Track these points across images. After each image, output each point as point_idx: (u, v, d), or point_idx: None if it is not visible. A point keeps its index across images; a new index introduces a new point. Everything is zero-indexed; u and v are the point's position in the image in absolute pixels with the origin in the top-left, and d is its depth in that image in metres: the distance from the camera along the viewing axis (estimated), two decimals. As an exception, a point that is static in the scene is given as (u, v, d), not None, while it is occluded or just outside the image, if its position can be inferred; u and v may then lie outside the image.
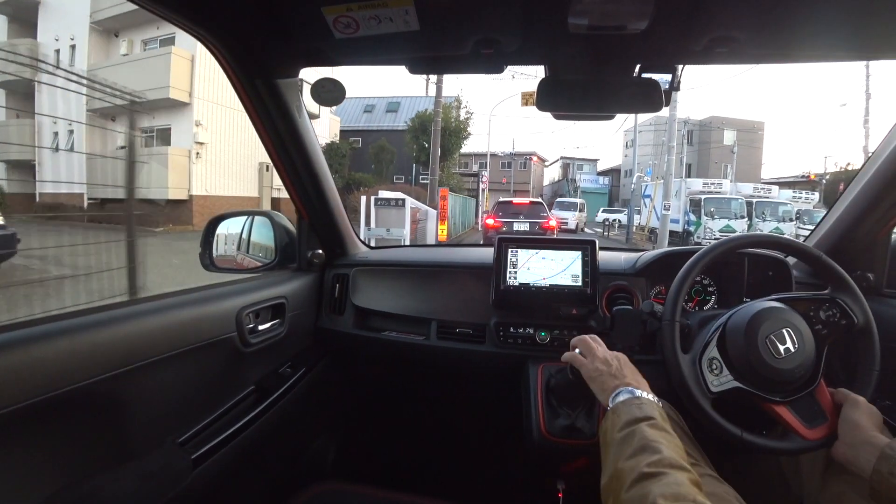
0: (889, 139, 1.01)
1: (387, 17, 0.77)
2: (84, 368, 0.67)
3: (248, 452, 1.03)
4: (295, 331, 1.23)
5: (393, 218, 9.23)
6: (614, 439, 0.63)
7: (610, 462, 0.62)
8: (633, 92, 0.94)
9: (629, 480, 0.55)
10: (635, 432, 0.62)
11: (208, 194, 13.95)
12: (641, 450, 0.59)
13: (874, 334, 0.84)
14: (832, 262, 0.89)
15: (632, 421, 0.64)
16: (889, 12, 0.72)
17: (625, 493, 0.54)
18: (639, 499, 0.52)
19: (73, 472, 0.68)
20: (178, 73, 13.04)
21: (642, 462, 0.57)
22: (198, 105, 13.55)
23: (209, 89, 13.76)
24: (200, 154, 13.61)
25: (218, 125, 14.08)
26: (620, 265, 1.29)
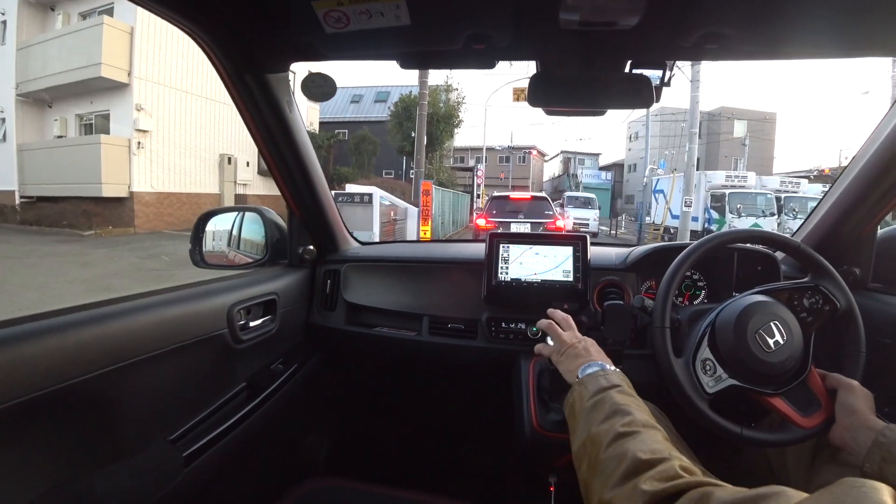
0: (874, 136, 1.03)
1: (378, 12, 0.76)
2: (72, 366, 0.66)
3: (240, 449, 1.02)
4: (286, 327, 1.23)
5: (358, 217, 7.91)
6: (584, 408, 0.65)
7: (581, 429, 0.63)
8: (624, 88, 0.95)
9: (605, 441, 0.56)
10: (605, 399, 0.64)
11: (154, 191, 11.97)
12: (613, 413, 0.60)
13: (857, 317, 0.86)
14: (811, 251, 0.92)
15: (600, 390, 0.66)
16: (874, 11, 0.74)
17: (602, 453, 0.55)
18: (617, 457, 0.53)
19: (62, 472, 0.68)
20: (114, 48, 10.86)
21: (616, 424, 0.58)
22: (139, 86, 11.40)
23: (154, 68, 11.69)
24: (143, 144, 11.57)
25: (166, 110, 12.10)
26: (611, 260, 1.30)
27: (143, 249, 8.54)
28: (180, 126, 12.53)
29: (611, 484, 0.51)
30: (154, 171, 11.91)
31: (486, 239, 1.26)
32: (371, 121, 22.98)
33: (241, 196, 14.28)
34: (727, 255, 1.17)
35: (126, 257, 7.69)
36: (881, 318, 1.01)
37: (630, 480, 0.50)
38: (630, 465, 0.51)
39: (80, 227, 10.83)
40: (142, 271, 6.57)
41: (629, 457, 0.52)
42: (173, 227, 12.16)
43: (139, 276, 6.23)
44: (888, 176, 1.01)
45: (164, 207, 12.17)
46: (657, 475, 0.48)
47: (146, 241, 9.65)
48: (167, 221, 12.16)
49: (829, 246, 1.13)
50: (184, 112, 12.62)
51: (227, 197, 13.82)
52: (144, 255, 7.87)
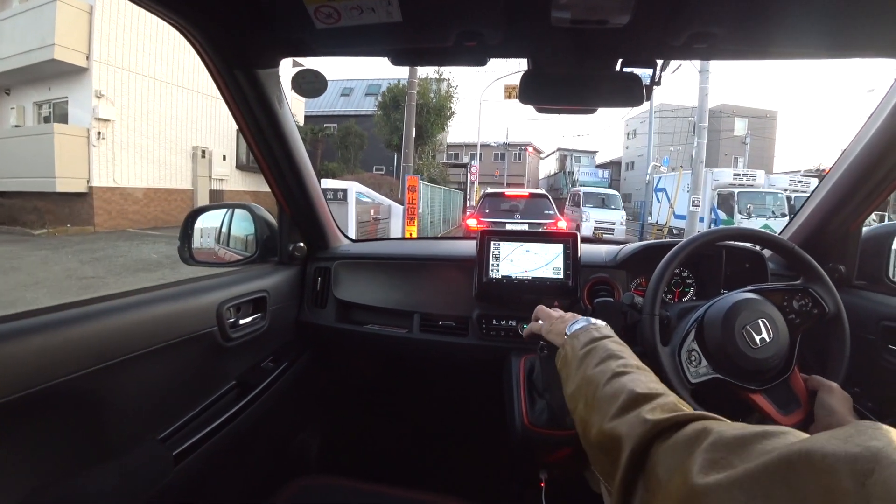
0: (860, 136, 1.04)
1: (369, 8, 0.76)
2: (59, 365, 0.66)
3: (231, 448, 1.02)
4: (277, 325, 1.23)
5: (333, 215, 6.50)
6: (577, 356, 0.66)
7: (574, 374, 0.63)
8: (614, 86, 0.95)
9: (602, 381, 0.57)
10: (598, 347, 0.65)
11: (118, 186, 10.93)
12: (607, 357, 0.61)
13: (844, 322, 0.87)
14: (805, 254, 0.92)
15: (592, 340, 0.67)
16: (859, 13, 0.75)
17: (600, 391, 0.56)
18: (614, 392, 0.54)
19: (49, 472, 0.67)
20: (69, 28, 9.71)
21: (612, 365, 0.59)
22: (99, 71, 10.28)
23: (117, 51, 10.57)
24: (104, 135, 10.53)
25: (131, 98, 11.03)
26: (602, 258, 1.31)
27: (90, 252, 7.68)
28: (147, 115, 11.45)
29: (610, 415, 0.51)
30: (117, 165, 10.88)
31: (477, 236, 1.27)
32: (362, 114, 21.71)
33: (217, 192, 13.30)
34: (715, 252, 1.18)
35: (64, 261, 6.86)
36: (865, 315, 1.03)
37: (631, 411, 0.50)
38: (628, 397, 0.52)
39: (31, 226, 9.81)
40: (70, 280, 5.69)
41: (627, 390, 0.53)
42: (139, 226, 11.25)
43: (62, 286, 5.34)
44: (873, 175, 1.03)
45: (128, 204, 11.18)
46: (658, 406, 0.49)
47: (101, 241, 8.78)
48: (132, 219, 11.22)
49: (816, 243, 1.16)
50: (151, 100, 11.52)
51: (200, 193, 12.87)
52: (88, 259, 7.00)
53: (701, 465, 0.36)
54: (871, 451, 0.27)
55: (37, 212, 9.99)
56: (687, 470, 0.37)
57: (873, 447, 0.27)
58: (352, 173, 14.96)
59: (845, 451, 0.28)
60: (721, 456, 0.36)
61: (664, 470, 0.41)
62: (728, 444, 0.37)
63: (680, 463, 0.39)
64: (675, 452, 0.41)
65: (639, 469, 0.44)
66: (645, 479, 0.43)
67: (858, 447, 0.28)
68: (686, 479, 0.36)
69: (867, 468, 0.26)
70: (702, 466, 0.36)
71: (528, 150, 35.72)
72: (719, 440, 0.38)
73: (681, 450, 0.41)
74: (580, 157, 38.62)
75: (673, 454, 0.41)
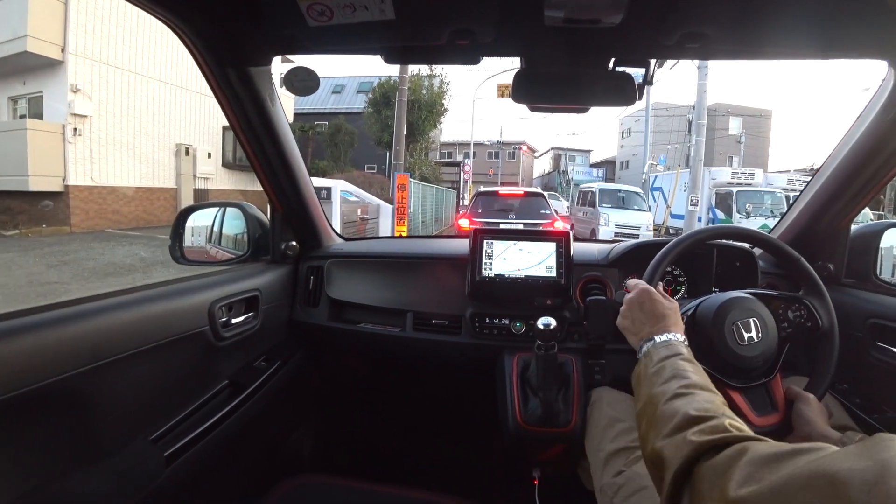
0: (848, 137, 1.05)
1: (362, 6, 0.76)
2: (50, 366, 0.65)
3: (224, 448, 1.01)
4: (269, 324, 1.22)
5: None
6: (647, 374, 0.68)
7: (643, 392, 0.66)
8: (607, 85, 0.95)
9: (662, 400, 0.59)
10: (666, 365, 0.66)
11: (96, 185, 10.43)
12: (672, 377, 0.63)
13: (835, 340, 0.87)
14: (810, 268, 0.92)
15: (663, 358, 0.68)
16: (845, 15, 0.76)
17: (658, 410, 0.58)
18: (671, 412, 0.56)
19: (40, 474, 0.66)
20: (43, 18, 9.08)
21: (674, 385, 0.61)
22: (75, 64, 9.65)
23: (94, 44, 9.93)
24: (80, 131, 10.05)
25: (110, 93, 10.46)
26: (594, 256, 1.31)
27: (61, 254, 7.20)
28: (127, 111, 10.80)
29: (662, 435, 0.55)
30: (95, 163, 10.29)
31: (470, 234, 1.26)
32: (354, 112, 21.04)
33: (202, 191, 12.78)
34: (707, 251, 1.18)
35: (30, 265, 6.38)
36: (853, 313, 1.05)
37: (680, 433, 0.53)
38: (681, 419, 0.54)
39: (2, 226, 9.33)
40: (31, 286, 5.25)
41: (681, 413, 0.55)
42: (119, 226, 10.75)
43: (18, 294, 4.89)
44: (861, 175, 1.04)
45: (107, 203, 10.65)
46: (706, 429, 0.51)
47: (74, 243, 8.29)
48: (112, 219, 10.70)
49: (806, 242, 1.17)
50: (131, 95, 10.87)
51: (184, 192, 12.34)
52: (55, 263, 6.54)
53: (738, 480, 0.39)
54: (880, 463, 0.29)
55: (9, 212, 9.51)
56: (725, 485, 0.40)
57: (883, 458, 0.29)
58: (342, 172, 14.57)
59: (858, 464, 0.30)
60: (755, 471, 0.38)
61: (707, 486, 0.44)
62: (763, 460, 0.39)
63: (720, 478, 0.42)
64: (716, 471, 0.44)
65: (683, 486, 0.47)
66: (690, 494, 0.46)
67: (870, 460, 0.29)
68: (724, 493, 0.39)
69: (874, 478, 0.28)
70: (738, 481, 0.39)
71: (523, 149, 35.47)
72: (756, 457, 0.40)
73: (721, 468, 0.43)
74: (574, 157, 38.60)
75: (714, 472, 0.44)
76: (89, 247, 8.00)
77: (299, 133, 15.69)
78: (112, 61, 10.51)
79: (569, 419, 1.03)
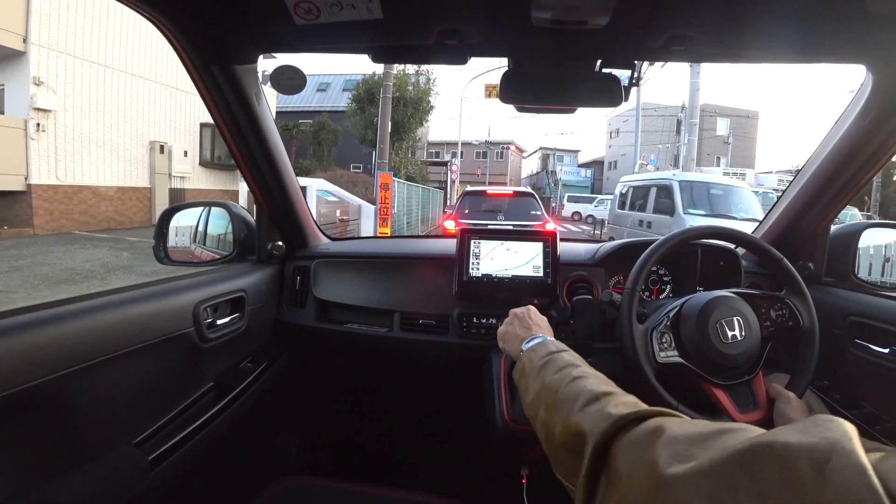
0: (828, 139, 1.07)
1: (349, 4, 0.76)
2: (28, 369, 0.64)
3: (209, 450, 1.01)
4: (255, 325, 1.21)
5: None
6: (534, 368, 0.67)
7: (533, 384, 0.65)
8: (594, 86, 0.96)
9: (562, 385, 0.58)
10: (555, 358, 0.66)
11: (62, 184, 9.81)
12: (565, 366, 0.63)
13: (815, 339, 0.89)
14: (792, 269, 0.93)
15: (549, 353, 0.68)
16: (828, 20, 0.77)
17: (561, 393, 0.57)
18: (575, 392, 0.55)
19: (20, 480, 0.65)
20: (2, 5, 8.30)
21: (571, 371, 0.61)
22: (38, 55, 9.00)
23: (59, 34, 9.27)
24: (44, 126, 9.44)
25: (77, 86, 9.87)
26: (581, 256, 1.32)
27: (15, 258, 6.62)
28: (96, 106, 10.12)
29: (575, 410, 0.52)
30: (61, 160, 9.68)
31: (457, 234, 1.26)
32: (339, 110, 20.41)
33: (178, 190, 12.21)
34: (691, 251, 1.19)
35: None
36: (833, 311, 1.07)
37: (593, 405, 0.51)
38: (590, 395, 0.53)
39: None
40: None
41: (588, 390, 0.55)
42: (87, 227, 10.14)
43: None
44: (840, 177, 1.07)
45: (74, 204, 10.01)
46: (620, 403, 0.50)
47: (34, 246, 7.70)
48: (79, 220, 10.08)
49: (787, 242, 1.20)
50: (101, 89, 10.21)
51: (159, 191, 11.75)
52: (6, 269, 5.96)
53: (666, 457, 0.37)
54: (828, 441, 0.29)
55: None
56: (652, 462, 0.38)
57: (830, 437, 0.29)
58: (325, 171, 14.06)
59: (804, 441, 0.30)
60: (683, 449, 0.37)
61: (625, 463, 0.42)
62: (689, 438, 0.38)
63: (641, 456, 0.40)
64: (636, 446, 0.42)
65: (602, 462, 0.45)
66: (607, 472, 0.44)
67: (816, 437, 0.29)
68: (652, 470, 0.37)
69: (824, 456, 0.28)
70: (667, 459, 0.37)
71: (511, 149, 35.29)
72: (680, 435, 0.39)
73: (641, 444, 0.42)
74: (563, 157, 38.63)
75: (634, 448, 0.42)
76: (48, 250, 7.45)
77: (282, 132, 15.12)
78: (79, 53, 9.87)
79: None
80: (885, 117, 0.94)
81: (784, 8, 0.75)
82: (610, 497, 0.42)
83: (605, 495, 0.43)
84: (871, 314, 1.02)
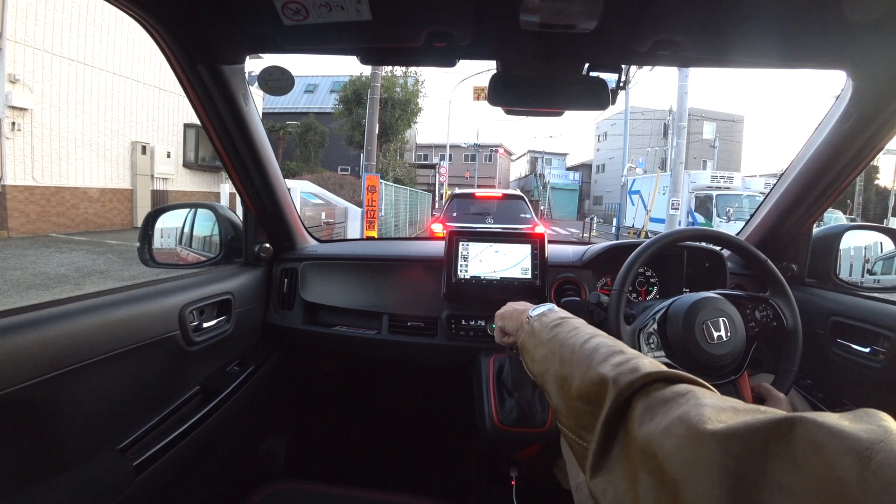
0: (810, 144, 1.10)
1: (338, 6, 0.76)
2: (9, 374, 0.62)
3: (195, 455, 1.00)
4: (242, 328, 1.21)
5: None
6: (546, 327, 0.64)
7: (546, 341, 0.62)
8: (581, 89, 0.98)
9: (580, 341, 0.56)
10: (569, 321, 0.64)
11: (38, 185, 9.54)
12: (581, 326, 0.61)
13: (799, 339, 0.91)
14: (776, 270, 0.95)
15: (561, 317, 0.66)
16: (810, 26, 0.79)
17: (579, 348, 0.54)
18: (594, 347, 0.53)
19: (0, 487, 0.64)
20: None
21: (587, 330, 0.58)
22: (14, 52, 8.79)
23: (37, 30, 8.98)
24: (20, 126, 9.20)
25: (55, 84, 9.60)
26: (568, 258, 1.33)
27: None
28: (76, 105, 9.80)
29: (597, 361, 0.50)
30: (38, 161, 9.41)
31: (445, 236, 1.27)
32: (327, 112, 20.44)
33: (161, 192, 11.96)
34: (677, 252, 1.20)
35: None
36: (815, 311, 1.09)
37: (618, 357, 0.49)
38: (612, 349, 0.51)
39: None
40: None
41: (609, 344, 0.53)
42: (65, 230, 9.88)
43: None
44: (821, 181, 1.09)
45: (52, 206, 9.72)
46: (646, 360, 0.48)
47: (7, 249, 7.41)
48: (56, 223, 9.78)
49: (770, 244, 1.22)
50: (81, 88, 9.90)
51: (141, 193, 11.49)
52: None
53: (696, 417, 0.36)
54: (875, 434, 0.27)
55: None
56: (684, 418, 0.36)
57: (876, 430, 0.28)
58: (312, 172, 13.92)
59: (848, 428, 0.28)
60: (714, 414, 0.35)
61: (647, 419, 0.40)
62: (720, 408, 0.36)
63: (668, 414, 0.38)
64: (662, 405, 0.40)
65: (622, 414, 0.43)
66: (625, 426, 0.42)
67: (860, 430, 0.28)
68: (684, 426, 0.35)
69: (868, 450, 0.26)
70: (697, 418, 0.35)
71: (499, 152, 35.19)
72: (711, 403, 0.37)
73: (669, 403, 0.40)
74: (551, 160, 38.71)
75: (660, 406, 0.40)
76: (22, 254, 7.21)
77: (269, 133, 14.96)
78: (58, 50, 9.60)
79: (545, 419, 1.04)
80: (865, 122, 0.96)
81: (767, 15, 0.77)
82: (628, 448, 0.40)
83: (623, 447, 0.41)
84: (852, 314, 1.04)
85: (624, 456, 0.41)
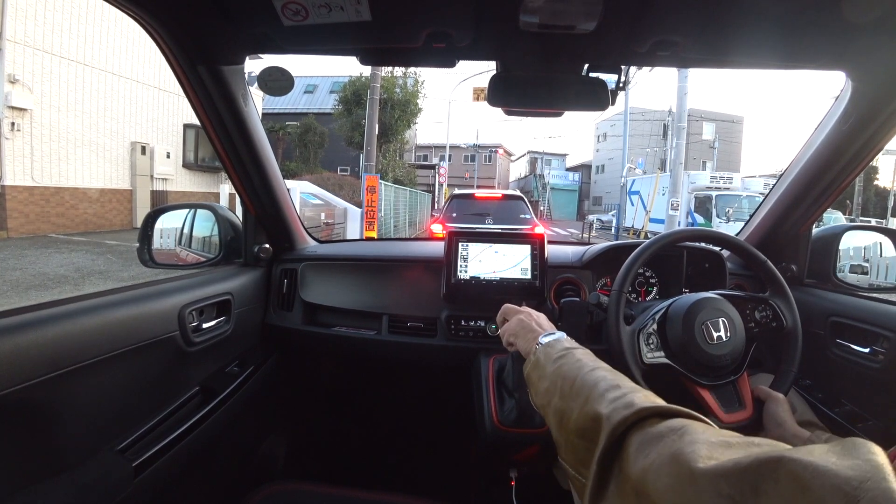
0: (809, 144, 1.10)
1: (337, 6, 0.76)
2: (7, 375, 0.62)
3: (195, 456, 0.99)
4: (242, 328, 1.21)
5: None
6: (550, 359, 0.65)
7: (549, 374, 0.63)
8: (581, 90, 0.98)
9: (581, 373, 0.57)
10: (573, 352, 0.65)
11: (38, 185, 9.52)
12: (584, 359, 0.62)
13: (798, 339, 0.91)
14: (776, 270, 0.95)
15: (566, 348, 0.67)
16: (810, 27, 0.79)
17: (579, 381, 0.56)
18: (593, 380, 0.53)
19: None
20: None
21: (589, 363, 0.60)
22: (14, 52, 8.63)
23: (37, 31, 8.93)
24: (20, 126, 9.19)
25: (55, 85, 9.56)
26: (568, 258, 1.33)
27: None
28: (76, 105, 9.80)
29: (594, 397, 0.51)
30: (37, 161, 9.39)
31: (445, 237, 1.27)
32: (326, 112, 20.45)
33: (161, 192, 11.96)
34: (677, 253, 1.20)
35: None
36: (815, 312, 1.09)
37: (614, 393, 0.49)
38: (609, 384, 0.52)
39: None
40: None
41: (608, 379, 0.53)
42: (65, 230, 9.87)
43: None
44: (821, 181, 1.09)
45: (51, 206, 9.71)
46: (641, 395, 0.48)
47: (6, 250, 7.39)
48: (56, 223, 9.77)
49: (770, 244, 1.22)
50: (81, 89, 9.89)
51: (140, 193, 11.48)
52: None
53: (690, 454, 0.36)
54: (862, 472, 0.27)
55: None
56: (676, 456, 0.37)
57: (864, 468, 0.28)
58: (311, 173, 13.93)
59: (834, 466, 0.28)
60: (706, 451, 0.36)
61: (641, 455, 0.40)
62: (713, 443, 0.37)
63: (662, 451, 0.39)
64: (656, 440, 0.40)
65: (617, 450, 0.43)
66: (620, 462, 0.42)
67: (847, 467, 0.28)
68: (678, 465, 0.36)
69: (856, 489, 0.26)
70: (691, 456, 0.36)
71: (499, 152, 35.17)
72: (704, 438, 0.38)
73: (663, 439, 0.40)
74: (551, 160, 38.76)
75: (653, 442, 0.40)
76: (21, 254, 7.20)
77: (269, 133, 14.97)
78: (57, 50, 9.59)
79: (544, 420, 1.05)
80: (864, 122, 0.96)
81: (766, 16, 0.77)
82: (623, 486, 0.41)
83: (618, 484, 0.41)
84: (851, 315, 1.04)
85: (619, 494, 0.41)
